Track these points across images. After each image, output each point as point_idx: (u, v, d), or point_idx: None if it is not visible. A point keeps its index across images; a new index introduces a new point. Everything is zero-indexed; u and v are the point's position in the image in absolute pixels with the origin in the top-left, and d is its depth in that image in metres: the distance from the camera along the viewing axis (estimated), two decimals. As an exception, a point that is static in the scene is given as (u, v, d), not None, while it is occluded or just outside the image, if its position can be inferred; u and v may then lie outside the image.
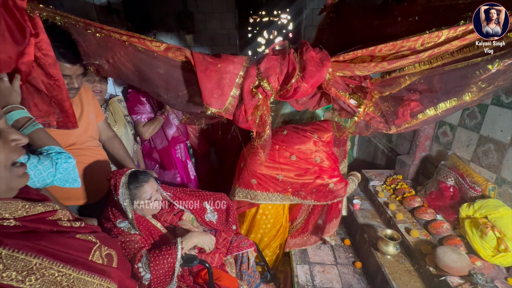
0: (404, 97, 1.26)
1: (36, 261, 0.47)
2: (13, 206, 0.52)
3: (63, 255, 0.52)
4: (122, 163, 1.57)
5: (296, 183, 1.75)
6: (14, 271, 0.44)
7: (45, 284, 0.47)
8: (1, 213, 0.49)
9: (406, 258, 1.65)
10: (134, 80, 1.22)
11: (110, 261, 0.62)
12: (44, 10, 0.94)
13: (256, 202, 1.80)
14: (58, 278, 0.49)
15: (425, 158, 2.22)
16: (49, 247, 0.51)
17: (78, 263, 0.54)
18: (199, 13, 3.74)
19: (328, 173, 1.72)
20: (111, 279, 0.59)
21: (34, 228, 0.53)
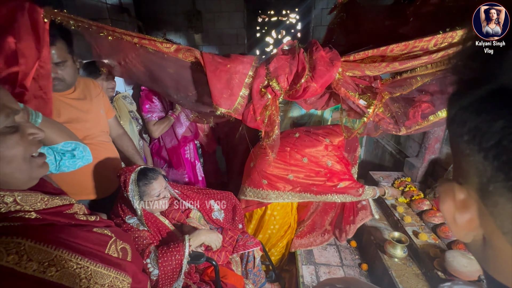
0: (415, 98, 1.24)
1: (57, 253, 0.48)
2: (33, 198, 0.53)
3: (81, 248, 0.53)
4: (131, 160, 1.60)
5: (306, 183, 1.77)
6: (36, 262, 0.45)
7: (65, 276, 0.48)
8: (23, 205, 0.51)
9: (414, 262, 1.63)
10: (145, 80, 1.23)
11: (125, 255, 0.64)
12: (59, 14, 0.96)
13: (267, 201, 1.82)
14: (76, 270, 0.50)
15: (434, 161, 2.18)
16: (68, 239, 0.52)
17: (95, 256, 0.55)
18: (207, 12, 3.76)
19: (339, 176, 1.72)
20: (126, 273, 0.60)
21: (53, 221, 0.54)
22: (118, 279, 0.58)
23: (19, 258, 0.43)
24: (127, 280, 0.61)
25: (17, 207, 0.50)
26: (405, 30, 1.36)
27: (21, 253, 0.44)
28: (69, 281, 0.49)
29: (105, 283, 0.55)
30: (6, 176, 0.50)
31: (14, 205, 0.50)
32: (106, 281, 0.56)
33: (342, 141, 1.79)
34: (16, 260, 0.43)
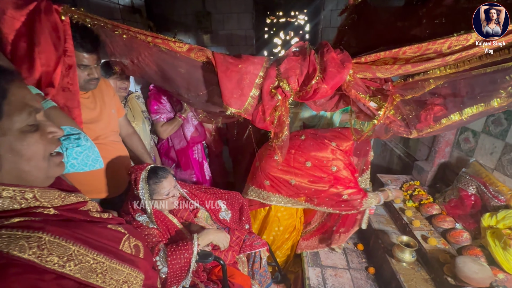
0: (427, 101, 1.22)
1: (74, 248, 0.49)
2: (51, 194, 0.54)
3: (97, 244, 0.54)
4: (140, 159, 1.62)
5: (309, 189, 1.70)
6: (56, 257, 0.46)
7: (83, 270, 0.49)
8: (41, 201, 0.52)
9: (423, 267, 1.60)
10: (156, 79, 1.25)
11: (137, 251, 0.64)
12: (76, 12, 0.98)
13: (267, 202, 1.80)
14: (93, 266, 0.51)
15: (444, 165, 2.15)
16: (85, 235, 0.53)
17: (110, 252, 0.56)
18: (217, 13, 3.79)
19: (344, 183, 1.65)
20: (139, 269, 0.61)
21: (70, 217, 0.55)
22: (131, 275, 0.59)
23: (40, 252, 0.44)
24: (140, 277, 0.61)
25: (37, 203, 0.51)
26: (418, 32, 1.35)
27: (42, 247, 0.45)
28: (86, 276, 0.49)
29: (119, 279, 0.56)
30: (25, 174, 0.51)
31: (34, 201, 0.51)
32: (121, 277, 0.56)
33: (351, 146, 1.72)
34: (38, 254, 0.44)
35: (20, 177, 0.50)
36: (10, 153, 0.47)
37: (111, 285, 0.53)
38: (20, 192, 0.49)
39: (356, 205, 1.65)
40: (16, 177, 0.50)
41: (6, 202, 0.47)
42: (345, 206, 1.67)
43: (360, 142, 1.79)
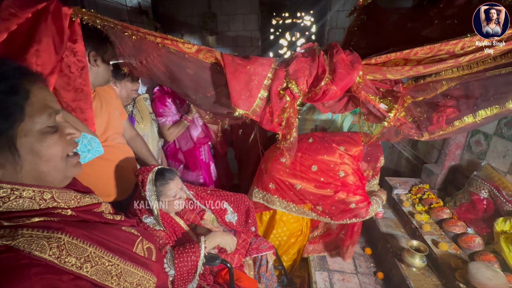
0: (440, 103, 1.20)
1: (91, 249, 0.49)
2: (67, 195, 0.54)
3: (112, 246, 0.54)
4: (145, 162, 1.62)
5: (314, 195, 1.65)
6: (74, 258, 0.46)
7: (99, 272, 0.49)
8: (59, 202, 0.52)
9: (433, 272, 1.57)
10: (165, 80, 1.24)
11: (150, 254, 0.64)
12: (86, 14, 0.99)
13: (271, 206, 1.76)
14: (108, 268, 0.51)
15: (454, 168, 2.11)
16: (101, 237, 0.53)
17: (125, 254, 0.56)
18: (222, 15, 3.80)
19: (351, 189, 1.60)
20: (152, 272, 0.61)
21: (85, 218, 0.55)
22: (145, 278, 0.58)
23: (60, 252, 0.44)
24: (152, 280, 0.61)
25: (54, 203, 0.51)
26: (429, 33, 1.33)
27: (61, 248, 0.45)
28: (102, 277, 0.49)
29: (133, 282, 0.55)
30: (44, 174, 0.51)
31: (52, 202, 0.51)
32: (135, 280, 0.56)
33: (360, 152, 1.66)
34: (57, 255, 0.44)
35: (39, 178, 0.51)
36: (30, 154, 0.48)
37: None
38: (39, 193, 0.49)
39: (362, 214, 1.61)
40: (35, 177, 0.50)
41: (26, 202, 0.47)
42: (350, 215, 1.62)
43: (371, 148, 1.74)
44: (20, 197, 0.47)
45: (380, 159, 1.79)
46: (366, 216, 1.62)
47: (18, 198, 0.46)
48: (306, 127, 2.25)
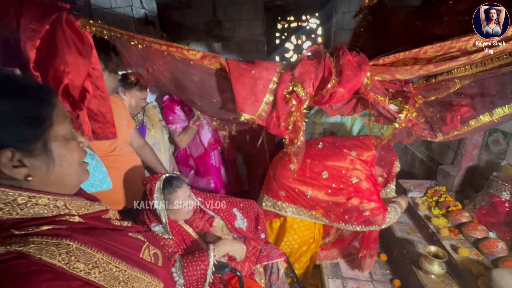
0: (453, 102, 1.15)
1: (99, 255, 0.50)
2: (79, 203, 0.56)
3: (119, 252, 0.55)
4: (154, 170, 1.62)
5: (326, 202, 1.59)
6: (82, 263, 0.46)
7: (106, 278, 0.49)
8: (70, 209, 0.54)
9: (454, 279, 1.49)
10: (171, 88, 1.25)
11: (156, 260, 0.64)
12: (94, 25, 1.01)
13: (283, 214, 1.72)
14: (116, 273, 0.51)
15: (472, 169, 2.02)
16: (108, 243, 0.54)
17: (132, 260, 0.56)
18: (228, 21, 3.84)
19: (365, 196, 1.52)
20: (158, 278, 0.61)
21: (93, 225, 0.56)
22: (152, 284, 0.58)
23: (69, 258, 0.45)
24: (160, 286, 0.61)
25: (66, 210, 0.53)
26: (439, 30, 1.29)
27: (70, 254, 0.46)
28: (110, 283, 0.50)
29: (140, 287, 0.55)
30: (65, 177, 0.54)
31: (64, 209, 0.53)
32: (142, 285, 0.56)
33: (373, 157, 1.59)
34: (66, 261, 0.44)
35: (61, 181, 0.54)
36: (58, 157, 0.52)
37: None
38: (53, 200, 0.51)
39: (378, 221, 1.51)
40: (58, 180, 0.53)
41: (41, 209, 0.49)
42: (365, 224, 1.54)
43: (384, 152, 1.66)
44: (36, 204, 0.49)
45: (395, 163, 1.71)
46: (383, 224, 1.53)
47: (34, 205, 0.48)
48: (315, 131, 2.21)
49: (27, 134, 0.47)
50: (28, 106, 0.48)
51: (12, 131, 0.46)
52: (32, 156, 0.48)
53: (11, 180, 0.48)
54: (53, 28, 0.94)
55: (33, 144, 0.48)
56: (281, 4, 3.88)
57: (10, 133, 0.45)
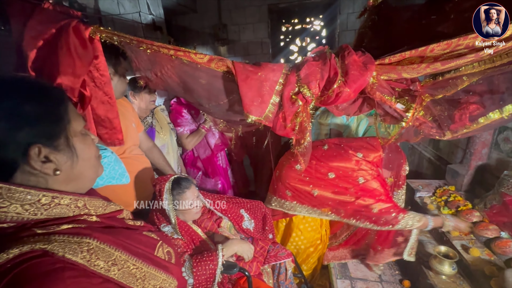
0: (461, 100, 1.14)
1: (117, 253, 0.51)
2: (97, 203, 0.58)
3: (135, 250, 0.56)
4: (162, 171, 1.65)
5: (333, 200, 1.58)
6: (102, 261, 0.48)
7: (125, 275, 0.50)
8: (89, 209, 0.56)
9: (465, 280, 1.46)
10: (179, 91, 1.28)
11: (170, 258, 0.66)
12: (104, 32, 1.04)
13: (291, 213, 1.71)
14: (133, 271, 0.53)
15: (482, 168, 1.99)
16: (125, 241, 0.55)
17: (147, 258, 0.57)
18: (233, 25, 3.89)
19: (373, 196, 1.49)
20: (172, 275, 0.62)
21: (110, 224, 0.58)
22: (167, 281, 0.60)
23: (90, 256, 0.46)
24: (174, 283, 0.62)
25: (85, 210, 0.55)
26: (445, 28, 1.28)
27: (91, 252, 0.47)
28: (128, 280, 0.51)
29: (156, 284, 0.57)
30: (85, 171, 0.57)
31: (84, 209, 0.55)
32: (158, 282, 0.57)
33: (379, 158, 1.58)
34: (88, 258, 0.46)
35: (82, 174, 0.56)
36: (79, 151, 0.55)
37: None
38: (74, 200, 0.53)
39: (390, 219, 1.47)
40: (80, 174, 0.55)
41: (63, 209, 0.51)
42: (378, 223, 1.50)
43: (392, 154, 1.64)
44: (59, 205, 0.51)
45: (404, 166, 1.67)
46: (395, 223, 1.47)
47: (57, 205, 0.50)
48: (321, 132, 2.21)
49: (50, 130, 0.50)
50: (49, 105, 0.51)
51: (37, 128, 0.48)
52: (58, 151, 0.51)
53: (39, 178, 0.50)
54: (59, 32, 0.97)
55: (57, 140, 0.51)
56: (285, 7, 3.91)
57: (36, 130, 0.48)
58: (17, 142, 0.46)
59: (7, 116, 0.45)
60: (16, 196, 0.46)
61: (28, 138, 0.47)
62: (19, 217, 0.46)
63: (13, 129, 0.46)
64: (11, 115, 0.46)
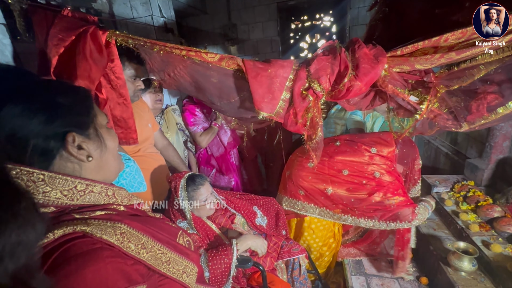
0: (478, 90, 1.11)
1: (145, 238, 0.55)
2: (123, 193, 0.62)
3: (160, 236, 0.60)
4: (177, 169, 1.69)
5: (348, 199, 1.55)
6: (133, 244, 0.52)
7: (152, 258, 0.54)
8: (117, 198, 0.60)
9: (486, 276, 1.42)
10: (191, 90, 1.31)
11: (189, 246, 0.68)
12: (120, 35, 1.09)
13: (303, 213, 1.68)
14: (159, 255, 0.56)
15: (503, 161, 1.91)
16: (151, 228, 0.59)
17: (170, 244, 0.61)
18: (242, 24, 3.91)
19: (389, 190, 1.46)
20: (193, 262, 0.65)
21: (135, 213, 0.62)
22: (188, 267, 0.63)
23: (122, 239, 0.50)
24: (195, 269, 0.65)
25: (114, 199, 0.59)
26: (460, 17, 1.24)
27: (123, 235, 0.51)
28: (155, 263, 0.55)
29: (180, 269, 0.60)
30: (110, 162, 0.61)
31: (113, 198, 0.59)
32: (181, 267, 0.61)
33: (393, 153, 1.54)
34: (121, 240, 0.50)
35: (108, 165, 0.61)
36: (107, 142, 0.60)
37: (174, 274, 0.58)
38: (105, 189, 0.58)
39: (407, 216, 1.44)
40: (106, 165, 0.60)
41: (96, 196, 0.56)
42: (393, 218, 1.47)
43: (406, 149, 1.60)
44: (92, 192, 0.55)
45: (418, 161, 1.64)
46: (413, 219, 1.45)
47: (91, 192, 0.55)
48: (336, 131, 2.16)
49: (82, 120, 0.55)
50: (80, 99, 0.57)
51: (70, 118, 0.53)
52: (89, 139, 0.56)
53: (74, 165, 0.55)
54: (78, 38, 1.03)
55: (88, 129, 0.56)
56: (294, 4, 3.89)
57: (69, 120, 0.53)
58: (55, 131, 0.51)
59: (44, 108, 0.50)
60: (57, 183, 0.51)
61: (64, 127, 0.52)
62: (59, 201, 0.51)
63: (49, 119, 0.50)
64: (47, 108, 0.51)
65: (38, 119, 0.49)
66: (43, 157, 0.51)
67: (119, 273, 0.46)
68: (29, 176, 0.48)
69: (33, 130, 0.49)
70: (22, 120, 0.48)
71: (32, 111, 0.49)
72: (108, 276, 0.44)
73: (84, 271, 0.43)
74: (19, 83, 0.52)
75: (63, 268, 0.42)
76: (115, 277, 0.45)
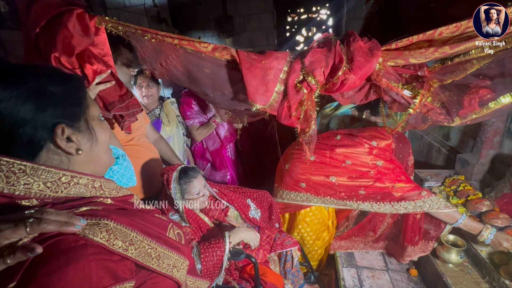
0: (471, 84, 1.11)
1: (133, 234, 0.53)
2: (111, 185, 0.60)
3: (149, 231, 0.58)
4: (169, 162, 1.68)
5: (352, 186, 1.61)
6: (120, 241, 0.50)
7: (141, 255, 0.53)
8: (105, 190, 0.58)
9: (474, 268, 1.45)
10: (183, 80, 1.29)
11: (180, 239, 0.68)
12: (109, 22, 1.05)
13: (307, 204, 1.71)
14: (148, 250, 0.55)
15: (494, 156, 1.94)
16: (140, 222, 0.57)
17: (160, 239, 0.59)
18: (238, 16, 3.85)
19: (392, 176, 1.53)
20: (184, 256, 0.64)
21: (123, 207, 0.60)
22: (179, 261, 0.62)
23: (108, 236, 0.48)
24: (186, 263, 0.64)
25: (101, 191, 0.57)
26: (455, 11, 1.24)
27: (109, 232, 0.49)
28: (144, 259, 0.53)
29: (170, 263, 0.59)
30: (100, 155, 0.59)
31: (100, 190, 0.57)
32: (171, 262, 0.60)
33: (391, 146, 1.62)
34: (107, 238, 0.48)
35: (98, 158, 0.59)
36: (98, 134, 0.59)
37: (164, 269, 0.57)
38: (91, 181, 0.55)
39: (412, 195, 1.49)
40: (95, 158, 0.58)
41: (81, 188, 0.54)
42: (397, 197, 1.51)
43: (402, 145, 1.67)
44: (77, 184, 0.53)
45: (410, 157, 1.73)
46: (418, 200, 1.48)
47: (76, 184, 0.53)
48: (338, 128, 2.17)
49: (73, 112, 0.53)
50: (71, 89, 0.54)
51: (61, 109, 0.51)
52: (79, 132, 0.54)
53: (62, 157, 0.53)
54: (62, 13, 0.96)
55: (79, 122, 0.54)
56: (291, -4, 3.84)
57: (60, 111, 0.51)
58: (44, 122, 0.49)
59: (34, 96, 0.48)
60: (39, 174, 0.49)
61: (54, 118, 0.50)
62: (42, 193, 0.49)
63: (39, 108, 0.48)
64: (37, 95, 0.48)
65: (27, 107, 0.47)
66: (29, 147, 0.49)
67: (104, 270, 0.45)
68: (8, 166, 0.46)
69: (20, 119, 0.47)
70: (11, 107, 0.46)
71: (21, 97, 0.46)
72: (92, 274, 0.43)
73: (66, 269, 0.41)
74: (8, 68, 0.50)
75: (44, 266, 0.41)
76: (100, 275, 0.44)
